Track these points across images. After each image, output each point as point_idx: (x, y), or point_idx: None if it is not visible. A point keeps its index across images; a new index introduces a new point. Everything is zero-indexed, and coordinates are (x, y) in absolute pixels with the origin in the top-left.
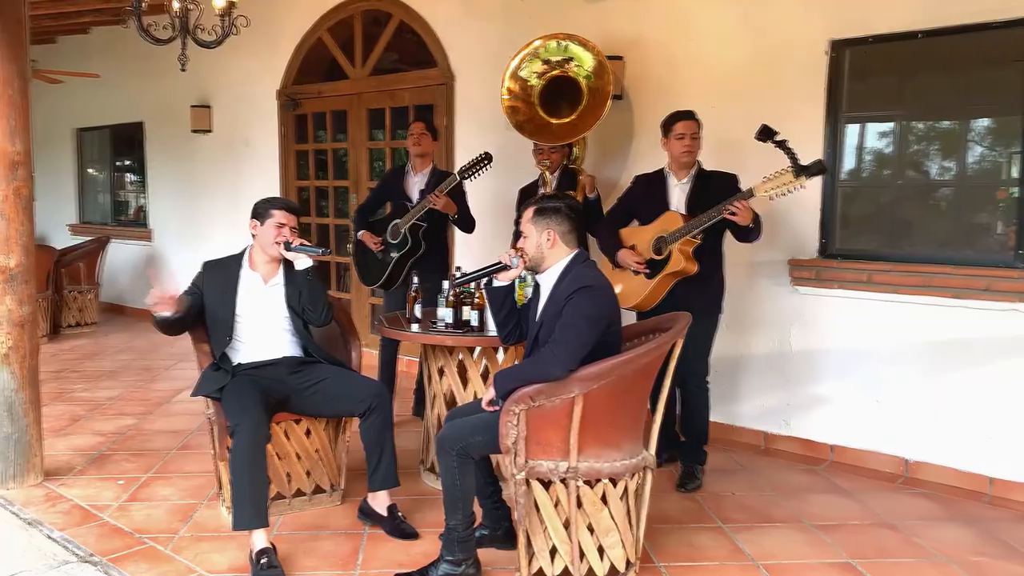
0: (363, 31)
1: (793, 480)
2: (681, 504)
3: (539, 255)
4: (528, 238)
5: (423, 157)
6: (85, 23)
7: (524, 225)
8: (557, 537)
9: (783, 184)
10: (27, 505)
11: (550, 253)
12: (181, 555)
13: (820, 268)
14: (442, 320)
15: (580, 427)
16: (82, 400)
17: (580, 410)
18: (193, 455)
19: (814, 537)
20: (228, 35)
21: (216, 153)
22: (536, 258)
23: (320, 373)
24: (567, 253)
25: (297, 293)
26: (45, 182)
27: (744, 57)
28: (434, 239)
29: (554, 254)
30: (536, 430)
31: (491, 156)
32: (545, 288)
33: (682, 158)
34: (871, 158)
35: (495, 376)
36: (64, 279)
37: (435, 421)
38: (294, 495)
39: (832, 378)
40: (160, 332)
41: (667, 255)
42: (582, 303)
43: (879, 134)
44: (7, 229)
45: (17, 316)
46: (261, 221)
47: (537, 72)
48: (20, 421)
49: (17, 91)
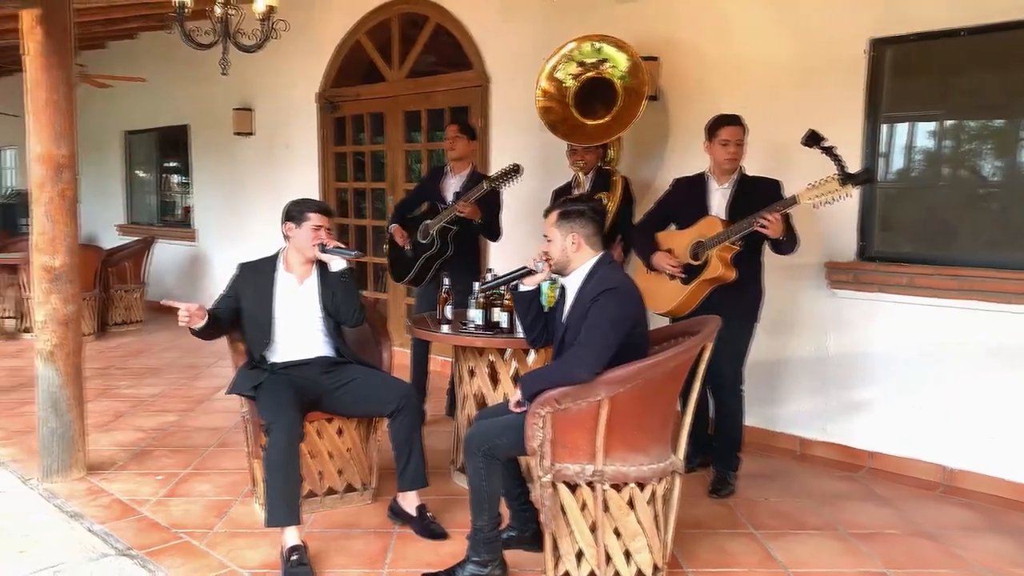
0: (400, 34)
1: (829, 487)
2: (713, 509)
3: (564, 259)
4: (552, 242)
5: (460, 160)
6: (133, 29)
7: (548, 229)
8: (583, 540)
9: (828, 192)
10: (70, 498)
11: (575, 256)
12: (215, 550)
13: (858, 271)
14: (472, 321)
15: (606, 430)
16: (126, 396)
17: (606, 413)
18: (230, 452)
19: (849, 545)
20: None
21: (257, 155)
22: (561, 262)
23: (351, 373)
24: (592, 256)
25: (331, 294)
26: (95, 183)
27: (781, 57)
28: (464, 242)
29: (579, 257)
30: (562, 433)
31: (521, 168)
32: (571, 291)
33: (725, 165)
34: (912, 158)
35: (522, 378)
36: (112, 278)
37: (465, 422)
38: (326, 493)
39: (871, 383)
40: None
41: (705, 261)
42: (607, 305)
43: (921, 134)
44: (53, 230)
45: (62, 315)
46: (297, 223)
47: (572, 74)
48: (64, 416)
49: (63, 97)
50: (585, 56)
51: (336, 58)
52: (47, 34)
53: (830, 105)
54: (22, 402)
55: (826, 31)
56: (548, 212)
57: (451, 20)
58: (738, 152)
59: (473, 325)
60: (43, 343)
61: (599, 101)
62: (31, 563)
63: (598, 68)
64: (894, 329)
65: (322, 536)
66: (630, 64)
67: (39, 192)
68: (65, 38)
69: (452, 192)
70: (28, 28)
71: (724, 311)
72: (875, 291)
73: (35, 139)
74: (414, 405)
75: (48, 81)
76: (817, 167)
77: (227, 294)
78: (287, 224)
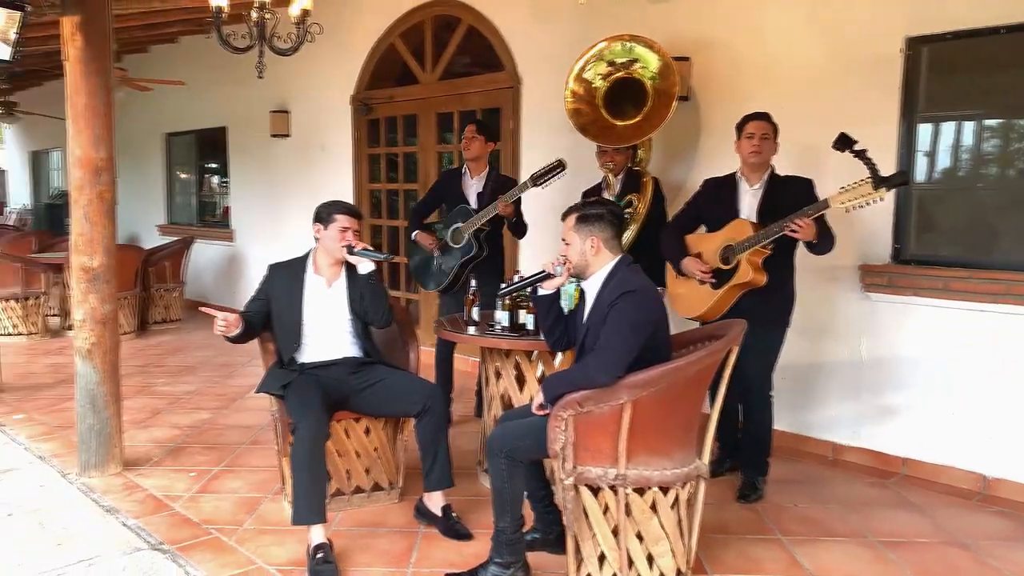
0: (433, 36)
1: (860, 493)
2: (740, 514)
3: (583, 262)
4: (571, 246)
5: (476, 160)
6: (173, 33)
7: (566, 233)
8: (606, 544)
9: (861, 196)
10: (106, 493)
11: (594, 260)
12: (244, 547)
13: (893, 274)
14: (499, 323)
15: (629, 434)
16: (163, 394)
17: (629, 417)
18: (261, 450)
19: (878, 553)
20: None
21: (294, 157)
22: (580, 265)
23: (377, 374)
24: (611, 259)
25: (359, 295)
26: (136, 185)
27: (814, 56)
28: (492, 243)
29: (598, 260)
30: (584, 436)
31: (565, 164)
32: (590, 294)
33: (749, 159)
34: (948, 159)
35: (544, 381)
36: (151, 278)
37: (491, 422)
38: (353, 492)
39: (905, 388)
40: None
41: (735, 265)
42: (626, 308)
43: (958, 134)
44: (91, 232)
45: (99, 314)
46: (325, 225)
47: (602, 74)
48: (102, 413)
49: (101, 101)
50: (616, 56)
51: (370, 61)
52: (86, 40)
53: (864, 105)
54: (63, 398)
55: (860, 30)
56: (566, 215)
57: (483, 22)
58: (762, 146)
59: (500, 327)
60: (81, 341)
61: (629, 102)
62: (67, 555)
63: (628, 68)
64: (929, 333)
65: (348, 534)
66: (661, 65)
67: (78, 194)
68: (104, 44)
69: (475, 193)
70: (68, 35)
71: (755, 316)
72: (910, 294)
73: (75, 143)
74: (440, 406)
75: (87, 86)
76: (851, 168)
77: (258, 296)
78: (316, 225)
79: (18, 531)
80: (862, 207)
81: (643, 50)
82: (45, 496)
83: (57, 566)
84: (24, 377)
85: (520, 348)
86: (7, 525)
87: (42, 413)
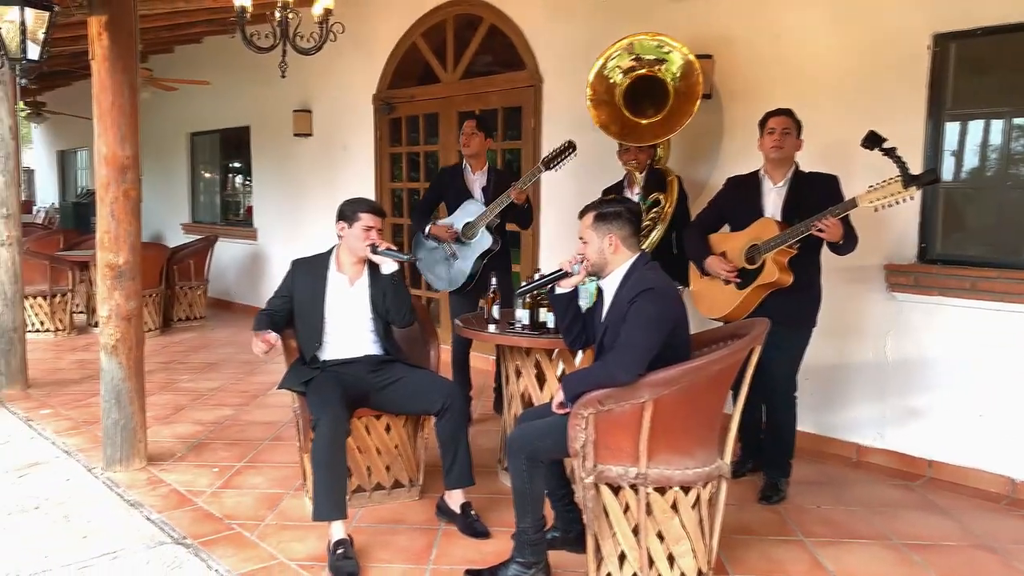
0: (455, 35)
1: (885, 495)
2: (762, 515)
3: (601, 260)
4: (589, 244)
5: (476, 156)
6: (197, 33)
7: (583, 231)
8: (626, 543)
9: (891, 194)
10: (131, 487)
11: (612, 258)
12: (265, 542)
13: (919, 274)
14: (519, 321)
15: (650, 433)
16: (186, 390)
17: (650, 416)
18: (283, 446)
19: (902, 556)
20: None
21: (316, 156)
22: (598, 264)
23: (397, 372)
24: (629, 257)
25: (381, 294)
26: (161, 184)
27: (838, 53)
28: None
29: (616, 259)
30: (605, 434)
31: (575, 145)
32: (608, 292)
33: (770, 153)
34: (977, 158)
35: (564, 379)
36: (176, 275)
37: (512, 421)
38: (374, 488)
39: (931, 389)
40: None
41: (760, 265)
42: (645, 306)
43: (987, 132)
44: (116, 229)
45: (124, 310)
46: (349, 223)
47: (623, 68)
48: (126, 408)
49: (127, 100)
50: (645, 52)
51: (392, 60)
52: (113, 40)
53: (890, 103)
54: (89, 393)
55: (886, 26)
56: (583, 213)
57: (505, 20)
58: (783, 141)
59: (520, 325)
60: (107, 337)
61: (649, 100)
62: (92, 548)
63: (652, 67)
64: (956, 333)
65: (368, 531)
66: (683, 63)
67: (104, 192)
68: (130, 43)
69: (479, 188)
70: (95, 34)
71: (780, 316)
72: (936, 294)
73: (101, 141)
74: (459, 404)
75: (113, 85)
76: (877, 167)
77: (281, 293)
78: (340, 223)
79: (45, 524)
80: (891, 206)
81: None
82: (71, 490)
83: (83, 559)
84: (51, 373)
85: (540, 347)
86: (34, 518)
87: (68, 408)
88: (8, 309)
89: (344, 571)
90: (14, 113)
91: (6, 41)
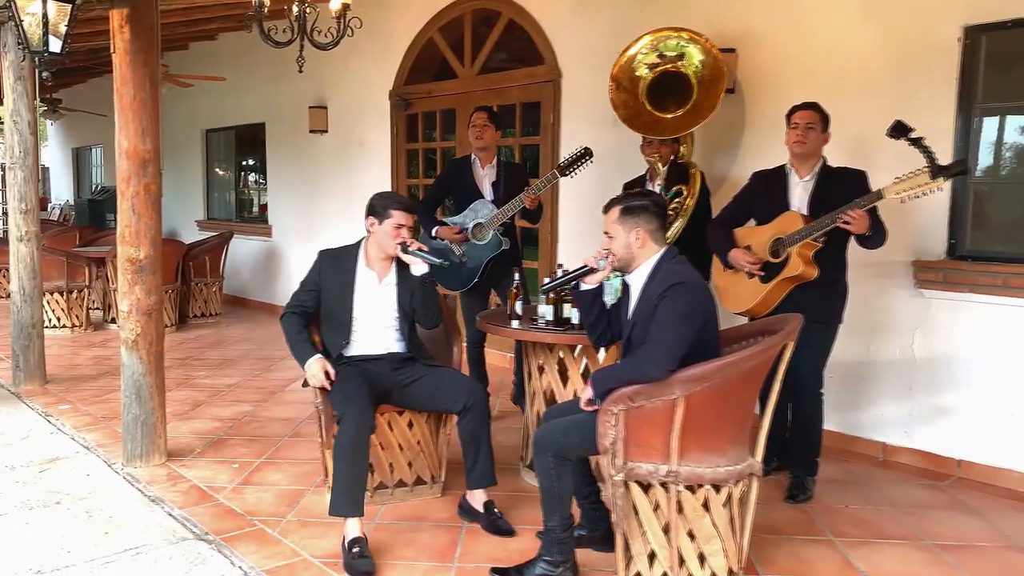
0: (472, 30)
1: (913, 495)
2: (790, 515)
3: (628, 255)
4: (615, 238)
5: (487, 150)
6: (213, 29)
7: (609, 225)
8: (656, 541)
9: (918, 186)
10: (151, 483)
11: (639, 252)
12: (288, 538)
13: (948, 270)
14: (542, 317)
15: (681, 430)
16: (204, 386)
17: (682, 412)
18: (303, 443)
19: (935, 556)
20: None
21: (332, 152)
22: (625, 258)
23: (420, 370)
24: (656, 251)
25: (409, 294)
26: (176, 180)
27: (864, 46)
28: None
29: (643, 253)
30: (635, 431)
31: (591, 152)
32: (635, 288)
33: (793, 148)
34: (1009, 152)
35: (592, 376)
36: (191, 272)
37: (534, 418)
38: (396, 485)
39: (959, 388)
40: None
41: (785, 258)
42: (676, 300)
43: (1019, 127)
44: (137, 223)
45: (145, 305)
46: (379, 220)
47: (648, 64)
48: (146, 404)
49: (148, 94)
50: (669, 49)
51: (409, 55)
52: (134, 33)
53: (919, 97)
54: (107, 389)
55: (914, 18)
56: (608, 207)
57: (523, 15)
58: (806, 136)
59: (543, 321)
60: (127, 332)
61: (671, 95)
62: (115, 544)
63: (675, 62)
64: (986, 331)
65: (391, 528)
66: (706, 58)
67: (125, 186)
68: (151, 37)
69: (489, 183)
70: (117, 27)
71: (806, 311)
72: (966, 291)
73: (122, 135)
74: (481, 403)
75: (135, 79)
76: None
77: (309, 287)
78: (369, 219)
79: (67, 519)
80: (918, 198)
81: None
82: (92, 485)
83: (105, 554)
84: (69, 369)
85: (564, 343)
86: (56, 513)
87: (87, 404)
88: (27, 305)
89: (359, 570)
90: (33, 109)
91: (28, 34)
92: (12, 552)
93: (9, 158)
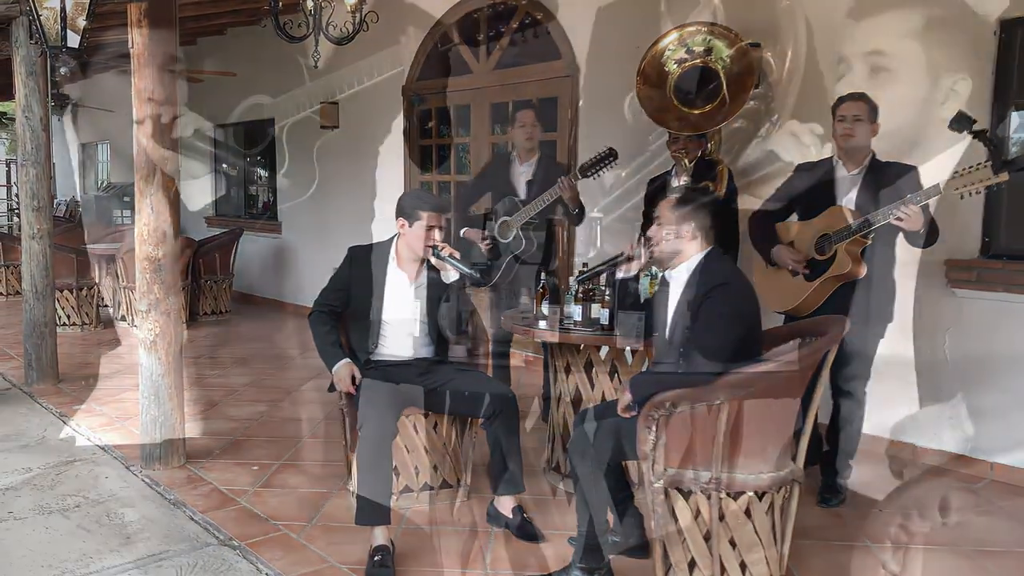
0: (488, 24)
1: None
2: (823, 518)
3: (673, 248)
4: (665, 227)
5: (532, 150)
6: (222, 24)
7: (665, 213)
8: (696, 550)
9: (980, 180)
10: (171, 486)
11: (686, 247)
12: (313, 544)
13: (982, 269)
14: (570, 317)
15: (725, 436)
16: (218, 385)
17: (726, 418)
18: (322, 444)
19: (973, 563)
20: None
21: (343, 148)
22: (669, 252)
23: (448, 373)
24: (702, 249)
25: (437, 299)
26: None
27: (898, 40)
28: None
29: (689, 248)
30: (676, 437)
31: (616, 153)
32: (676, 285)
33: (840, 142)
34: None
35: (632, 380)
36: (201, 269)
37: (560, 421)
38: (421, 488)
39: (993, 389)
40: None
41: (832, 255)
42: (721, 301)
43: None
44: (156, 221)
45: (164, 305)
46: (409, 221)
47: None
48: (165, 405)
49: (167, 88)
50: (696, 45)
51: (423, 50)
52: (152, 26)
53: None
54: (122, 389)
55: (948, 11)
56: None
57: (540, 9)
58: (855, 129)
59: (571, 321)
60: (146, 332)
61: (699, 91)
62: (138, 550)
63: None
64: (1021, 332)
65: (418, 533)
66: (734, 53)
67: (144, 184)
68: (170, 31)
69: (524, 181)
70: (134, 21)
71: (852, 310)
72: (1000, 291)
73: (140, 132)
74: (510, 409)
75: (153, 74)
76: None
77: (337, 287)
78: (400, 220)
79: (87, 523)
80: (978, 193)
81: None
82: (110, 487)
83: (128, 560)
84: (81, 367)
85: (592, 343)
86: (75, 517)
87: (101, 404)
88: (39, 302)
89: None
90: (45, 105)
91: (45, 29)
92: (32, 558)
93: (21, 154)
